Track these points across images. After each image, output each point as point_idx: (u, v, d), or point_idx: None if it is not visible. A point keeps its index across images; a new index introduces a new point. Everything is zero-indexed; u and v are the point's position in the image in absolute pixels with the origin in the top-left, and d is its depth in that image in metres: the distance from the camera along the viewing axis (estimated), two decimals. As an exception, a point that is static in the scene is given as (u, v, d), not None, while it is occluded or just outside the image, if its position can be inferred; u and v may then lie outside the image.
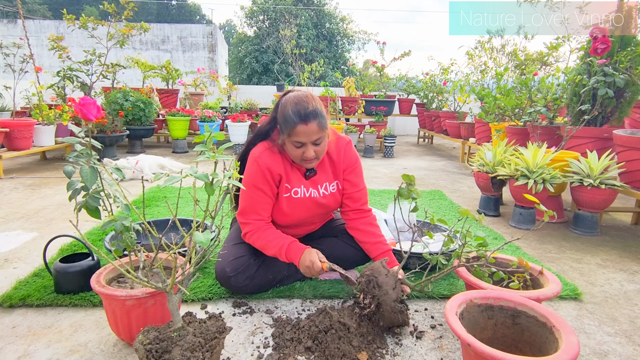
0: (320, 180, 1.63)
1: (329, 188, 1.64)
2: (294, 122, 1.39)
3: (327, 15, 19.27)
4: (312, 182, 1.62)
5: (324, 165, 1.64)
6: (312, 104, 1.41)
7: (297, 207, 1.62)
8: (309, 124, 1.39)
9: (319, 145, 1.47)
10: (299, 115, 1.38)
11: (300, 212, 1.64)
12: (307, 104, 1.40)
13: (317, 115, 1.40)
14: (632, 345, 1.41)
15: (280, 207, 1.61)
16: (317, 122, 1.40)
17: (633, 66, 2.84)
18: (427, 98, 7.13)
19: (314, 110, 1.40)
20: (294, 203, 1.60)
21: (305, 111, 1.38)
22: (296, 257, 1.51)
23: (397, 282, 1.40)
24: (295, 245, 1.54)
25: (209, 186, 0.99)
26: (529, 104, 3.82)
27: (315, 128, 1.40)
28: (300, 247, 1.53)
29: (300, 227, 1.75)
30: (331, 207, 1.70)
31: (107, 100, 5.14)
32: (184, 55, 15.81)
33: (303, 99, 1.42)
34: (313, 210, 1.66)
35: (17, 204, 2.94)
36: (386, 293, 1.36)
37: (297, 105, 1.40)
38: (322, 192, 1.63)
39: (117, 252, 1.14)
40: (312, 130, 1.40)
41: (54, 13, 25.50)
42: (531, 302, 1.21)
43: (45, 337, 1.36)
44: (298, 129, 1.39)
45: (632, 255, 2.27)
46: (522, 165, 2.64)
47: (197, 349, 1.03)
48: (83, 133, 1.07)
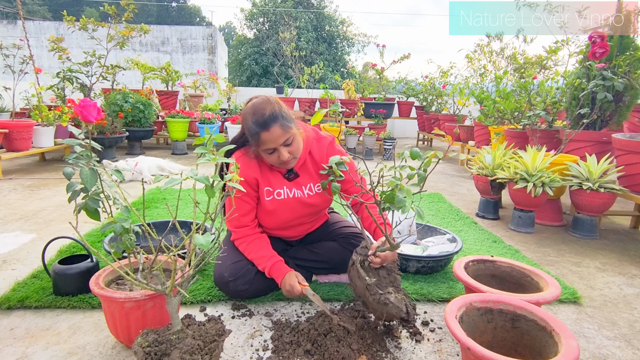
0: (304, 182, 1.62)
1: (313, 189, 1.63)
2: (256, 132, 1.39)
3: (327, 18, 19.33)
4: (295, 184, 1.62)
5: (306, 166, 1.63)
6: (269, 109, 1.40)
7: (281, 209, 1.61)
8: (271, 129, 1.38)
9: (291, 146, 1.45)
10: (257, 124, 1.38)
11: (286, 213, 1.62)
12: (264, 111, 1.39)
13: (276, 119, 1.39)
14: (632, 349, 1.41)
15: (266, 209, 1.60)
16: (279, 125, 1.39)
17: (632, 70, 2.85)
18: (426, 101, 7.15)
19: (272, 115, 1.39)
20: (278, 205, 1.60)
21: (262, 118, 1.38)
22: (278, 279, 1.53)
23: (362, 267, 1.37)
24: (278, 266, 1.55)
25: (209, 188, 0.99)
26: (528, 107, 3.83)
27: (279, 131, 1.39)
28: (282, 270, 1.54)
29: (292, 229, 1.73)
30: (319, 206, 1.68)
31: (107, 102, 5.14)
32: (184, 57, 15.82)
33: (259, 106, 1.41)
34: (300, 210, 1.64)
35: (15, 205, 2.93)
36: (355, 286, 1.35)
37: (255, 115, 1.40)
38: (307, 193, 1.62)
39: (116, 254, 1.14)
40: (275, 134, 1.39)
41: (54, 14, 25.53)
42: (531, 306, 1.21)
43: (43, 339, 1.35)
44: (262, 138, 1.40)
45: (631, 258, 2.27)
46: (521, 168, 2.64)
47: (196, 351, 1.03)
48: (83, 135, 1.07)
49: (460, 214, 2.98)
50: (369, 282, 1.32)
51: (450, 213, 3.01)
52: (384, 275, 1.39)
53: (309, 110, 6.63)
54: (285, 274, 1.52)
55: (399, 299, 1.31)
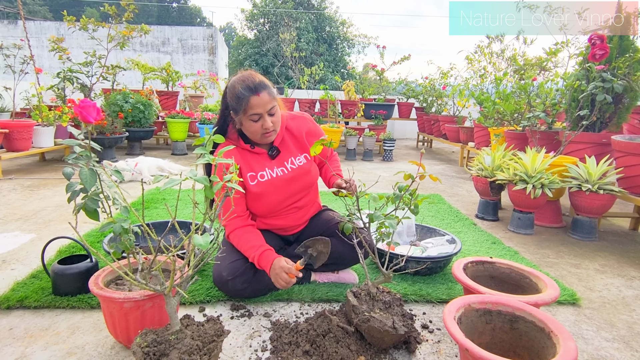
0: (285, 157, 1.69)
1: (295, 162, 1.69)
2: (246, 96, 1.47)
3: (327, 19, 19.34)
4: (277, 161, 1.67)
5: (285, 142, 1.70)
6: (258, 78, 1.52)
7: (268, 190, 1.63)
8: (260, 94, 1.48)
9: (274, 115, 1.55)
10: (248, 89, 1.48)
11: (273, 194, 1.64)
12: (253, 78, 1.51)
13: (265, 86, 1.51)
14: (630, 350, 1.41)
15: (253, 194, 1.62)
16: (267, 92, 1.51)
17: (631, 72, 2.85)
18: (426, 102, 7.15)
19: (261, 82, 1.51)
20: (264, 186, 1.62)
21: (253, 84, 1.49)
22: (267, 266, 1.52)
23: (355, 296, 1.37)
24: (266, 254, 1.54)
25: (209, 189, 0.99)
26: (528, 108, 3.83)
27: (267, 97, 1.50)
28: (270, 257, 1.53)
29: (285, 216, 1.73)
30: (305, 178, 1.70)
31: (107, 102, 5.14)
32: (184, 58, 15.82)
33: (248, 76, 1.53)
34: (286, 188, 1.66)
35: (15, 205, 2.93)
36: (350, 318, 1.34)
37: (245, 82, 1.50)
38: (289, 167, 1.68)
39: (115, 254, 1.14)
40: (264, 99, 1.49)
41: (55, 14, 25.55)
42: (529, 307, 1.21)
43: (42, 339, 1.35)
44: (252, 102, 1.48)
45: (630, 260, 2.27)
46: (520, 170, 2.64)
47: (194, 352, 1.03)
48: (82, 135, 1.07)
49: (459, 215, 2.98)
50: (353, 304, 1.32)
51: (450, 214, 3.01)
52: (380, 307, 1.35)
53: (309, 111, 6.63)
54: (272, 261, 1.51)
55: (384, 316, 1.28)
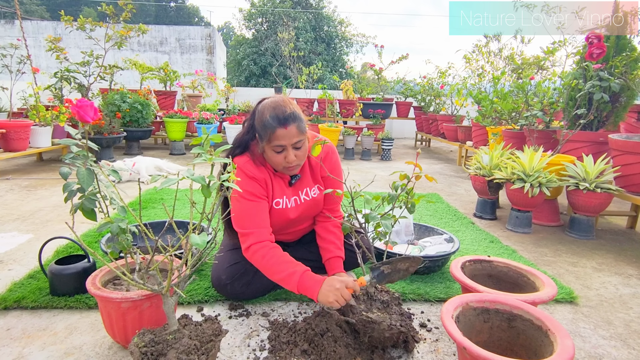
0: (301, 186, 1.61)
1: (310, 193, 1.62)
2: (272, 126, 1.38)
3: (326, 18, 19.33)
4: (293, 190, 1.60)
5: (304, 170, 1.62)
6: (290, 108, 1.41)
7: (278, 218, 1.58)
8: (288, 127, 1.38)
9: (299, 150, 1.45)
10: (277, 119, 1.38)
11: (283, 222, 1.60)
12: (284, 108, 1.40)
13: (295, 119, 1.40)
14: (627, 348, 1.41)
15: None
16: (296, 125, 1.40)
17: (628, 71, 2.86)
18: (424, 101, 7.15)
19: (292, 114, 1.40)
20: (275, 214, 1.57)
21: (283, 115, 1.38)
22: (314, 290, 1.33)
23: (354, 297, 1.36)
24: (308, 276, 1.38)
25: (206, 188, 0.99)
26: (526, 107, 3.84)
27: (295, 131, 1.40)
28: (317, 279, 1.36)
29: (288, 234, 1.72)
30: (315, 210, 1.67)
31: (105, 102, 5.13)
32: (182, 57, 15.79)
33: (280, 103, 1.42)
34: (296, 219, 1.62)
35: (12, 205, 2.92)
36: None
37: (275, 110, 1.39)
38: (303, 199, 1.61)
39: (113, 254, 1.14)
40: (291, 133, 1.39)
41: (52, 14, 25.47)
42: (527, 306, 1.21)
43: (39, 340, 1.35)
44: (277, 133, 1.38)
45: (627, 259, 2.28)
46: (518, 168, 2.65)
47: (192, 351, 1.03)
48: (80, 135, 1.07)
49: (457, 214, 2.99)
50: (351, 303, 1.31)
51: (448, 213, 3.02)
52: (377, 306, 1.35)
53: (307, 111, 6.63)
54: (321, 283, 1.34)
55: (382, 316, 1.27)
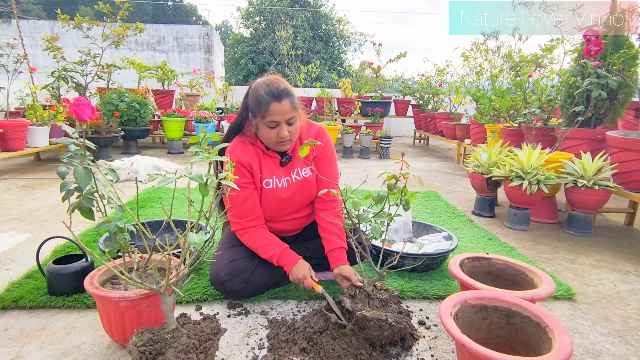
0: (293, 166, 1.64)
1: (301, 173, 1.65)
2: (267, 101, 1.42)
3: (324, 17, 19.30)
4: (285, 170, 1.63)
5: (296, 151, 1.64)
6: (283, 84, 1.47)
7: (270, 198, 1.60)
8: (282, 101, 1.43)
9: (292, 125, 1.50)
10: (271, 94, 1.43)
11: (275, 203, 1.62)
12: (278, 84, 1.45)
13: (289, 94, 1.45)
14: (625, 345, 1.42)
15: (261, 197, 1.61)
16: (290, 101, 1.45)
17: (626, 68, 2.86)
18: (422, 99, 7.15)
19: (286, 89, 1.45)
20: (267, 194, 1.60)
21: (277, 90, 1.43)
22: (288, 266, 1.55)
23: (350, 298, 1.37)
24: (287, 253, 1.57)
25: (203, 187, 0.99)
26: (524, 105, 3.84)
27: (289, 106, 1.45)
28: (292, 257, 1.56)
29: (286, 222, 1.72)
30: (307, 191, 1.67)
31: (102, 101, 5.11)
32: (180, 56, 15.77)
33: (273, 80, 1.47)
34: (288, 200, 1.63)
35: (10, 205, 2.91)
36: None
37: (269, 86, 1.44)
38: (294, 178, 1.63)
39: (110, 253, 1.13)
40: (285, 108, 1.44)
41: (49, 13, 25.36)
42: (525, 303, 1.22)
43: (38, 340, 1.34)
44: (272, 108, 1.43)
45: (625, 255, 2.28)
46: (516, 166, 2.65)
47: (191, 350, 1.03)
48: (77, 134, 1.06)
49: (456, 212, 2.99)
50: (350, 303, 1.31)
51: (446, 211, 3.02)
52: (376, 305, 1.34)
53: (306, 109, 6.62)
54: (296, 261, 1.55)
55: (380, 313, 1.27)
